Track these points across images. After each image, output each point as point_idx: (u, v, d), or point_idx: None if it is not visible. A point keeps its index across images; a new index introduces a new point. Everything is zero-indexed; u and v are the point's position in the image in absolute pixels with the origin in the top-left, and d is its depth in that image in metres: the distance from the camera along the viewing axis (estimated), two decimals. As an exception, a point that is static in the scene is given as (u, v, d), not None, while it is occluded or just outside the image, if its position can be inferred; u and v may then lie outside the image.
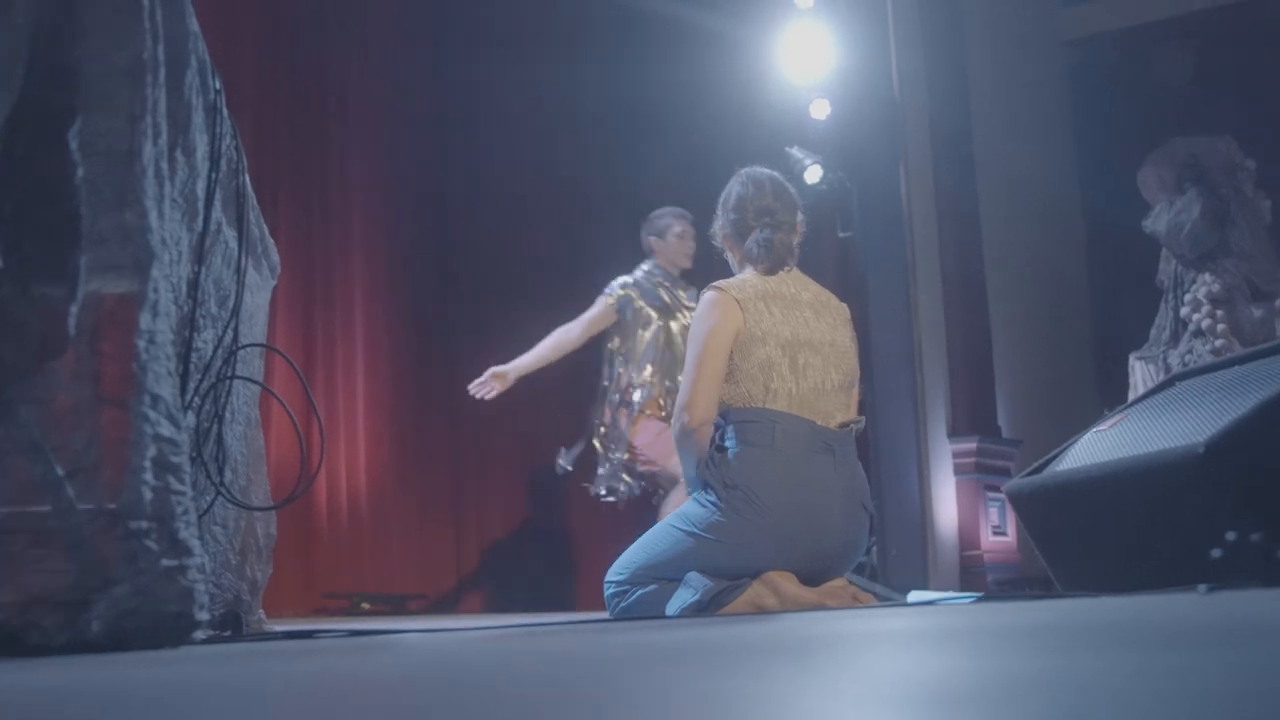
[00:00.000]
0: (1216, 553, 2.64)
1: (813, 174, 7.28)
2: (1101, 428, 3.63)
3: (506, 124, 8.52)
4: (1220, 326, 6.94)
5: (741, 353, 4.00)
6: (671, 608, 3.92)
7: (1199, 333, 7.04)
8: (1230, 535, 2.63)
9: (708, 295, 4.11)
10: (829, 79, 7.37)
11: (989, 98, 7.93)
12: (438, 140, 8.30)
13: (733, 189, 4.33)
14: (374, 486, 7.70)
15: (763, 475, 3.90)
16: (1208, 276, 7.08)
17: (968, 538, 7.33)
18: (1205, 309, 7.03)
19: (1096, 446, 3.48)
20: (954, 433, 7.47)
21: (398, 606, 7.59)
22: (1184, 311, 7.15)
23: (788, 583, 3.88)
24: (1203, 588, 2.53)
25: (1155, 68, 7.93)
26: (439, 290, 8.31)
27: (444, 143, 8.36)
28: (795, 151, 7.38)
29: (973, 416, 7.48)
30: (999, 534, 7.47)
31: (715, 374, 3.97)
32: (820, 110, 7.38)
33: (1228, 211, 7.11)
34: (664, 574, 4.00)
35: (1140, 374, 7.20)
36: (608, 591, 4.15)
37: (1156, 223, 7.28)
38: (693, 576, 3.92)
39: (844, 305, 4.27)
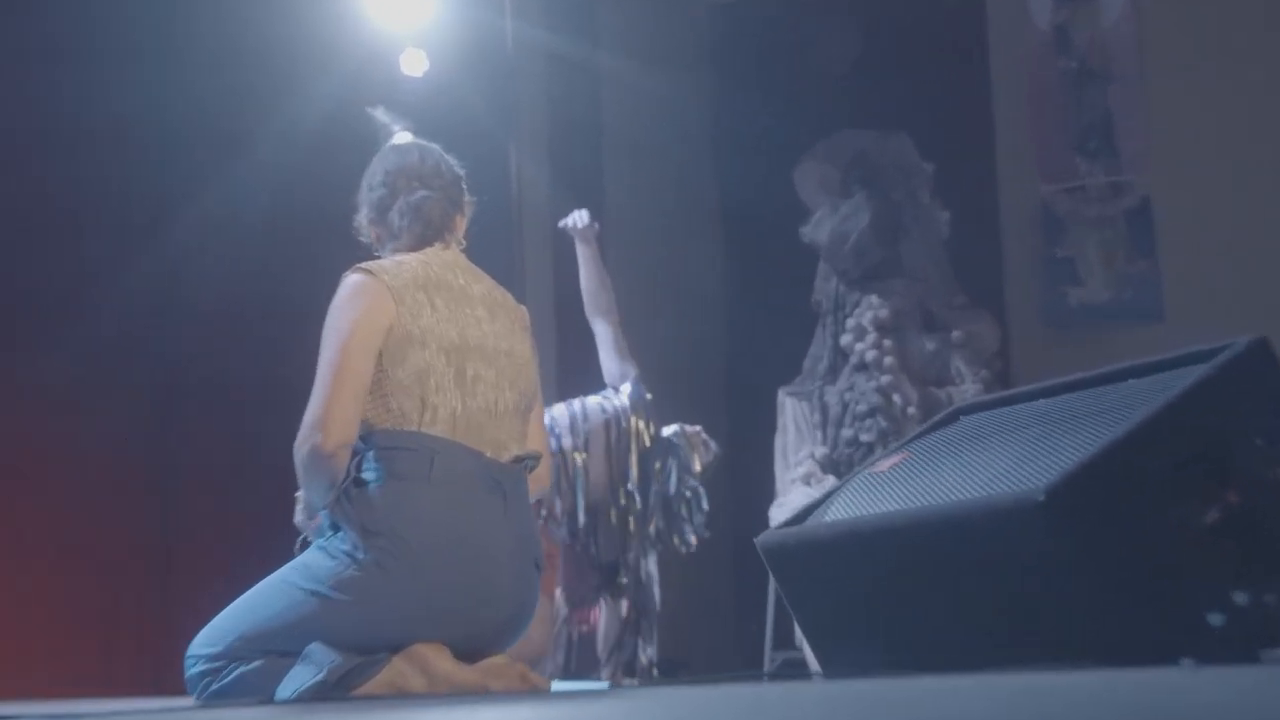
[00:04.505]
0: (1216, 619, 2.59)
1: (403, 139, 7.12)
2: (876, 467, 3.58)
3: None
4: (887, 359, 7.11)
5: (392, 357, 3.83)
6: (285, 690, 3.70)
7: (862, 366, 7.20)
8: (1240, 596, 2.58)
9: (349, 280, 3.91)
10: (426, 26, 7.24)
11: (620, 58, 7.95)
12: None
13: (373, 167, 4.26)
14: None
15: (414, 520, 3.77)
16: (875, 299, 7.26)
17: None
18: (870, 338, 7.19)
19: (874, 491, 3.41)
20: (563, 476, 7.40)
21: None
22: (845, 340, 7.30)
23: (440, 659, 3.74)
24: (1188, 662, 2.47)
25: (818, 46, 8.12)
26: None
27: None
28: (379, 114, 7.17)
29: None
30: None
31: (358, 382, 3.81)
32: (414, 64, 7.24)
33: (900, 221, 7.33)
34: (275, 645, 3.77)
35: (793, 412, 7.31)
36: (192, 669, 3.89)
37: (817, 231, 7.42)
38: (315, 649, 3.72)
39: (523, 308, 4.21)
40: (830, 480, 6.68)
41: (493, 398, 3.91)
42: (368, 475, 3.77)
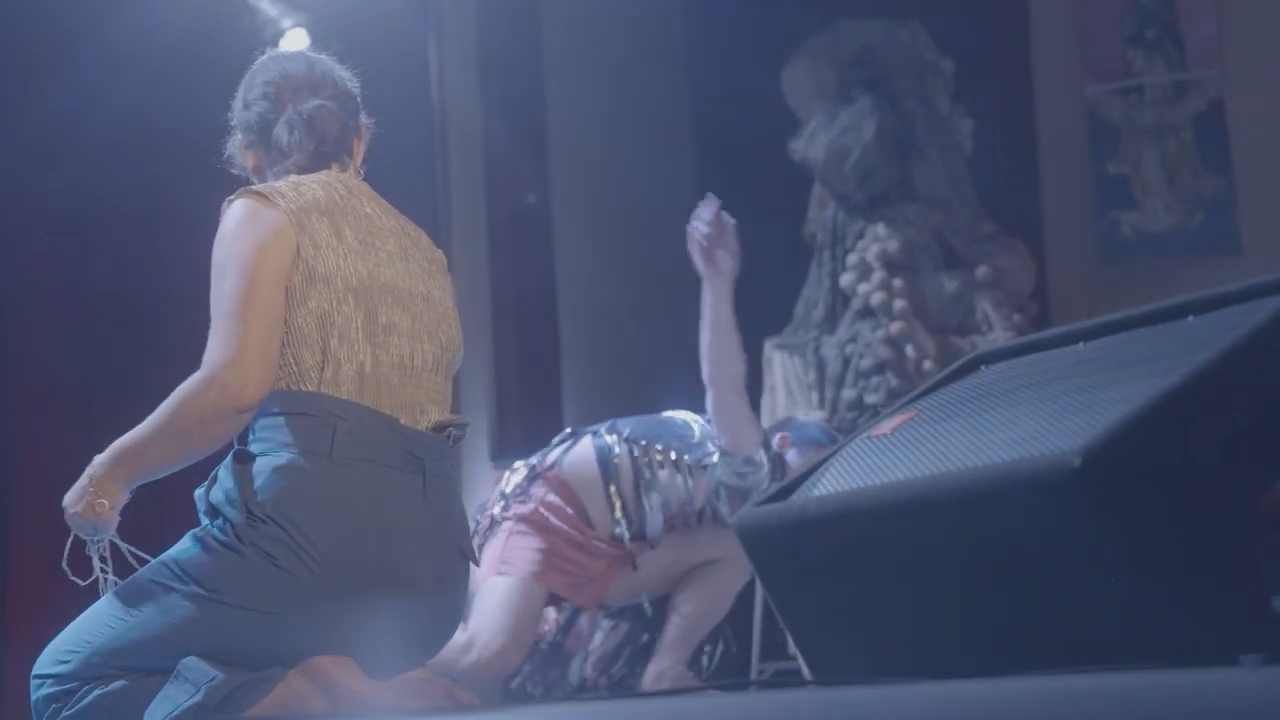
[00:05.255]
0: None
1: (293, 42, 7.26)
2: (876, 430, 3.60)
3: None
4: (898, 303, 7.15)
5: (291, 298, 3.84)
6: (154, 715, 3.71)
7: (866, 311, 7.25)
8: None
9: (236, 205, 3.92)
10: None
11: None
12: None
13: (248, 80, 4.21)
14: None
15: (312, 503, 3.77)
16: (881, 229, 7.31)
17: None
18: (876, 277, 7.24)
19: (874, 458, 3.42)
20: (499, 454, 7.54)
21: None
22: (845, 280, 7.35)
23: (346, 674, 3.77)
24: (1253, 659, 2.51)
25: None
26: None
27: None
28: (265, 5, 7.27)
29: (528, 431, 7.50)
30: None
31: (273, 317, 3.81)
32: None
33: (913, 134, 7.38)
34: (139, 661, 3.79)
35: (781, 370, 7.36)
36: (39, 692, 3.89)
37: (810, 146, 7.47)
38: (189, 665, 3.73)
39: (439, 251, 4.24)
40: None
41: (408, 350, 3.92)
42: (255, 448, 3.79)
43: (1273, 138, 7.61)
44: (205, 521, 3.82)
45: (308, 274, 3.82)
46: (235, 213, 3.88)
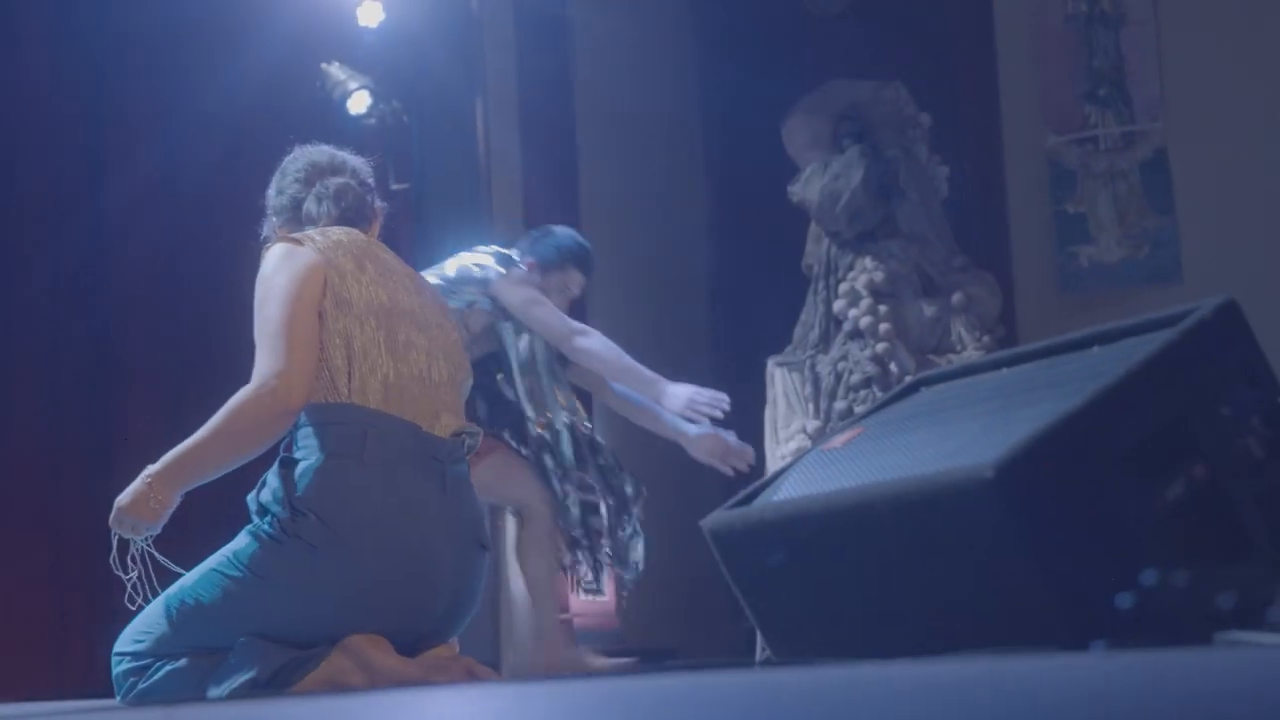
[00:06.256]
0: (1124, 600, 2.66)
1: (358, 102, 7.18)
2: (829, 444, 3.63)
3: None
4: (883, 326, 7.16)
5: (322, 321, 3.90)
6: (216, 687, 3.75)
7: (856, 333, 7.25)
8: (1147, 576, 2.65)
9: (275, 249, 3.98)
10: (382, -27, 7.28)
11: (594, 13, 7.99)
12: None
13: (282, 169, 4.30)
14: None
15: (346, 500, 3.81)
16: (869, 262, 7.30)
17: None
18: (864, 303, 7.24)
19: (827, 468, 3.46)
20: (537, 458, 7.45)
21: None
22: (838, 306, 7.34)
23: (379, 652, 3.77)
24: (1098, 644, 2.54)
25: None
26: None
27: None
28: (335, 70, 7.24)
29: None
30: (592, 592, 7.49)
31: (310, 338, 3.87)
32: (370, 15, 7.24)
33: (896, 179, 7.37)
34: (203, 640, 3.82)
35: (783, 384, 7.36)
36: (117, 668, 3.93)
37: (806, 189, 7.46)
38: (246, 645, 3.77)
39: (443, 298, 4.41)
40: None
41: (425, 365, 3.97)
42: (297, 454, 3.82)
43: (1210, 182, 7.62)
44: (256, 520, 3.86)
45: (335, 300, 3.88)
46: (274, 253, 3.95)
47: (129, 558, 3.93)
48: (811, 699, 2.05)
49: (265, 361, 3.82)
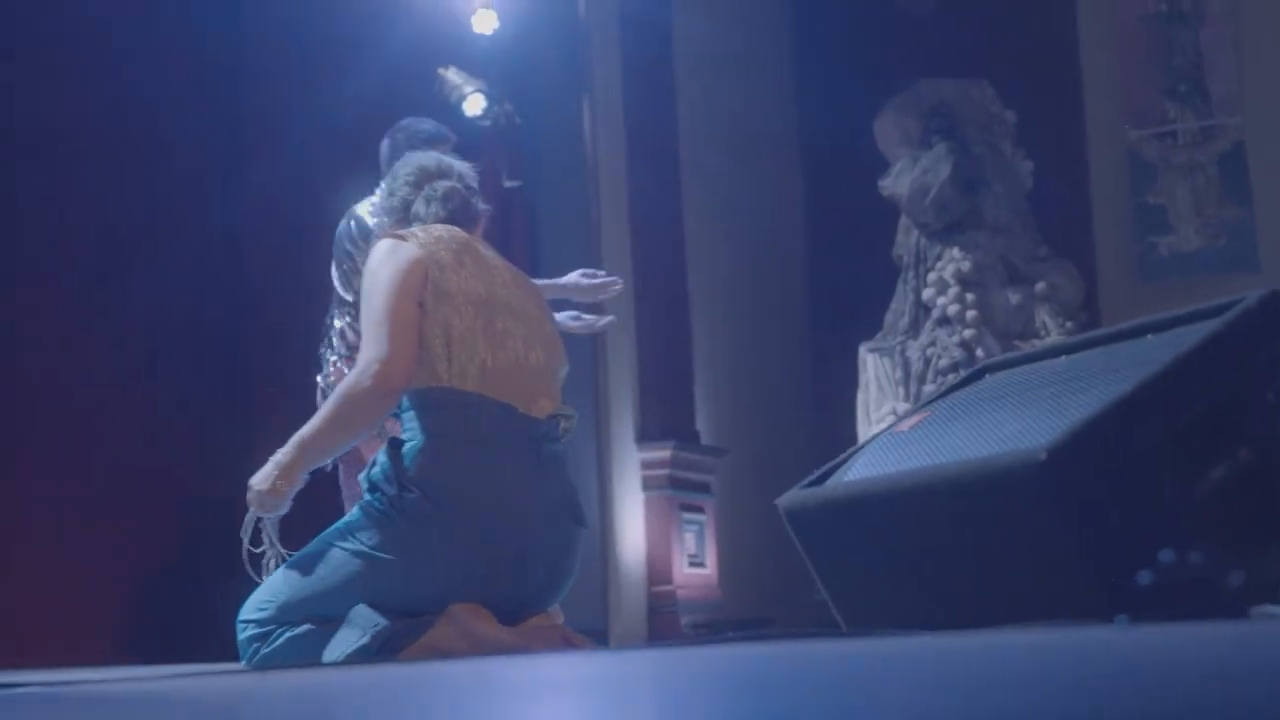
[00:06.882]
0: (1144, 577, 2.70)
1: (473, 105, 7.20)
2: (898, 427, 3.67)
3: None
4: (970, 313, 7.18)
5: (424, 311, 3.96)
6: (331, 653, 3.78)
7: (944, 320, 7.28)
8: (1165, 555, 2.69)
9: (380, 244, 4.06)
10: (497, -16, 7.30)
11: (695, 17, 8.03)
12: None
13: (393, 174, 4.36)
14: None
15: (449, 477, 3.83)
16: (956, 252, 7.32)
17: (658, 570, 7.38)
18: (952, 291, 7.26)
19: (895, 451, 3.49)
20: (643, 438, 7.53)
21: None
22: (927, 294, 7.37)
23: (481, 621, 3.80)
24: (1122, 619, 2.58)
25: (897, -9, 8.19)
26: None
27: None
28: (451, 75, 7.28)
29: (666, 418, 7.55)
30: (696, 564, 7.56)
31: (411, 327, 3.92)
32: (485, 23, 7.28)
33: (982, 173, 7.38)
34: (320, 609, 3.86)
35: (874, 369, 7.40)
36: (242, 634, 3.97)
37: (897, 184, 7.48)
38: (359, 613, 3.79)
39: (540, 290, 4.37)
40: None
41: (522, 351, 3.99)
42: (403, 435, 3.86)
43: (1286, 174, 7.56)
44: (368, 496, 3.93)
45: (435, 291, 3.92)
46: (379, 249, 4.02)
47: (267, 532, 4.05)
48: (878, 668, 2.09)
49: (369, 348, 3.90)
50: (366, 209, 5.25)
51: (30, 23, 7.11)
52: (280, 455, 3.95)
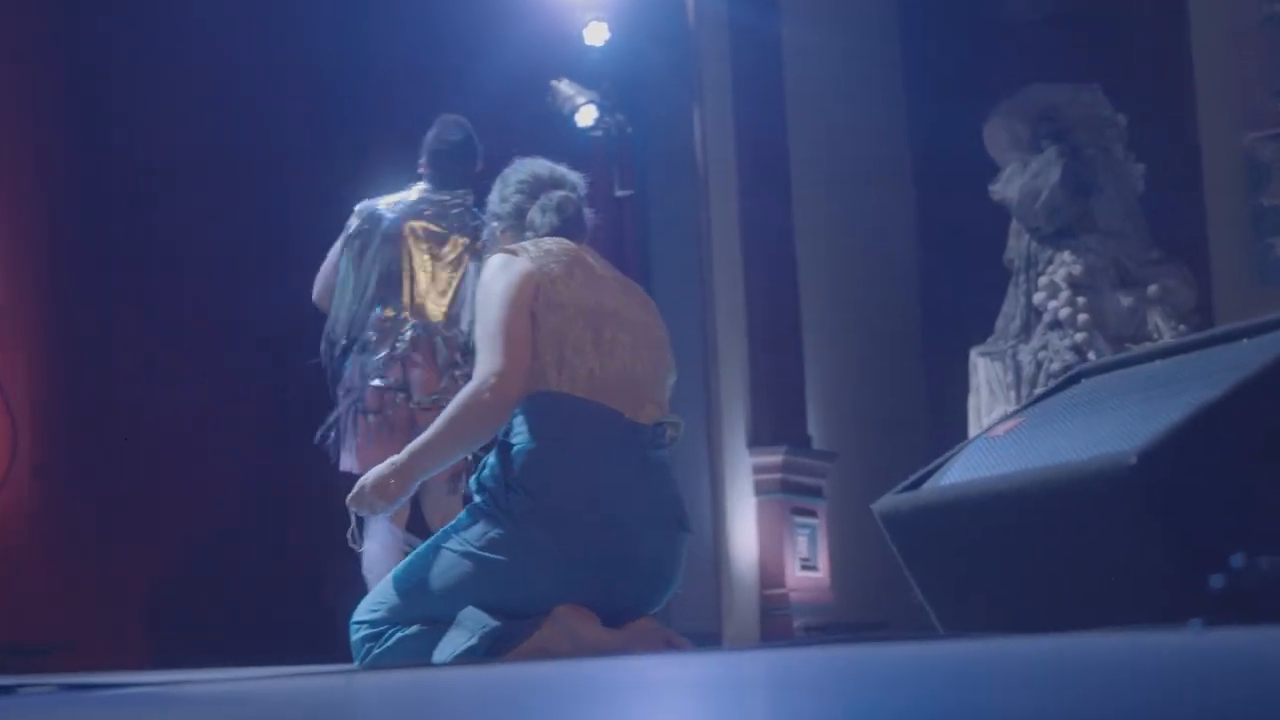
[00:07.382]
0: (1217, 581, 2.72)
1: (585, 115, 7.25)
2: (993, 432, 3.70)
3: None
4: (1081, 316, 7.16)
5: (535, 322, 4.04)
6: (441, 654, 3.88)
7: (1055, 324, 7.25)
8: (1236, 559, 2.70)
9: (493, 260, 4.15)
10: (608, -3, 7.35)
11: (804, 27, 8.06)
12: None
13: (503, 179, 4.42)
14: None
15: (555, 480, 3.91)
16: (1067, 256, 7.29)
17: (770, 573, 7.42)
18: (1064, 295, 7.23)
19: (989, 455, 3.53)
20: (755, 442, 7.57)
21: (30, 659, 7.31)
22: (1038, 298, 7.34)
23: (586, 623, 3.87)
24: (1195, 623, 2.60)
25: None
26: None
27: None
28: (564, 86, 7.32)
29: (778, 423, 7.59)
30: (809, 568, 7.59)
31: (524, 339, 3.99)
32: (596, 35, 7.35)
33: (1093, 177, 7.34)
34: (430, 610, 3.96)
35: (985, 373, 7.39)
36: (356, 635, 4.07)
37: (1007, 188, 7.46)
38: (468, 615, 3.89)
39: (650, 298, 4.39)
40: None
41: (630, 360, 4.06)
42: (512, 439, 3.94)
43: (1403, 173, 7.46)
44: (477, 498, 3.99)
45: (546, 303, 4.00)
46: (493, 263, 4.11)
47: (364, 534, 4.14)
48: (972, 670, 2.11)
49: (485, 361, 3.98)
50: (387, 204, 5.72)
51: (155, 44, 7.26)
52: (398, 460, 4.04)
